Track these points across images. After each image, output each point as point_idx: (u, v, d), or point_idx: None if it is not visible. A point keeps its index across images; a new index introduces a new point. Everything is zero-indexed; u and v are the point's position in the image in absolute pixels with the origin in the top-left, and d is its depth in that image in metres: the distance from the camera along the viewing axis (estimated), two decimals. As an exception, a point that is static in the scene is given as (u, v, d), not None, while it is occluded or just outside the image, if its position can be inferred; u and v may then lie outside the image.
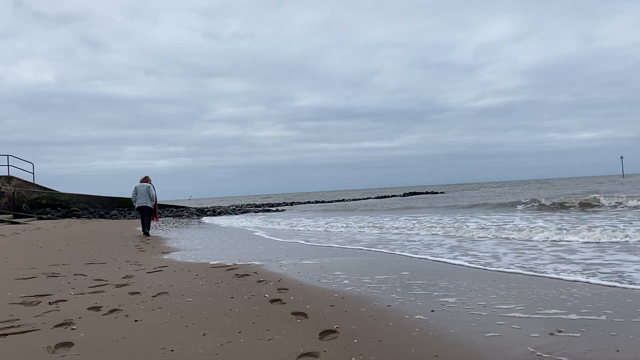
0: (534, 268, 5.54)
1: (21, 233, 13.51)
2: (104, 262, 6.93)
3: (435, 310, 3.69)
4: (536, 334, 3.00)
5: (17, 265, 6.60)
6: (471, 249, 7.58)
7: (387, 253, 7.58)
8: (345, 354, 2.70)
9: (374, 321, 3.40)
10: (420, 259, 6.69)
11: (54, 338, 3.07)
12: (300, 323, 3.38)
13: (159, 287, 4.86)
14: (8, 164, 25.38)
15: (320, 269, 6.01)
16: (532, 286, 4.48)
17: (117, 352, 2.81)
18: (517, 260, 6.23)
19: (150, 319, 3.55)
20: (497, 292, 4.28)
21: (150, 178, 14.07)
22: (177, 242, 10.90)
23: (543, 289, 4.33)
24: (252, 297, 4.27)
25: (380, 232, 11.81)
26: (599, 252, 6.52)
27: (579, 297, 4.00)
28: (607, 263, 5.66)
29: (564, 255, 6.46)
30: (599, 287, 4.38)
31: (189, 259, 7.44)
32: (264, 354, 2.73)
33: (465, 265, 5.97)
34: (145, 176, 14.00)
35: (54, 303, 4.11)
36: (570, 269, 5.39)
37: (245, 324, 3.36)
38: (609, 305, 3.68)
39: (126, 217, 24.66)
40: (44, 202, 25.89)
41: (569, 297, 3.98)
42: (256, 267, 6.20)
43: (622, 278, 4.72)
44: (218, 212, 29.69)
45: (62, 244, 9.91)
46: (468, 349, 2.76)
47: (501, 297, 4.06)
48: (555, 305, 3.73)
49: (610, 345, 2.79)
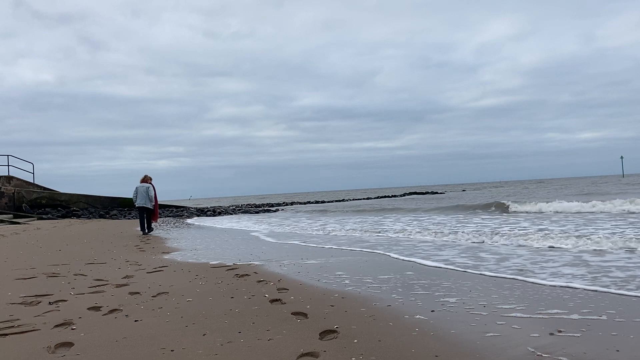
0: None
1: (21, 233, 13.52)
2: (104, 262, 6.93)
3: (435, 310, 3.70)
4: (536, 334, 3.00)
5: (17, 265, 6.60)
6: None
7: (380, 254, 7.58)
8: (345, 354, 2.70)
9: (374, 321, 3.40)
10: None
11: (54, 338, 3.07)
12: (300, 323, 3.38)
13: (159, 287, 4.86)
14: (8, 164, 25.40)
15: (320, 269, 6.01)
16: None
17: (117, 352, 2.81)
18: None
19: (150, 319, 3.55)
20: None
21: (151, 177, 14.01)
22: (177, 242, 10.90)
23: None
24: (252, 297, 4.27)
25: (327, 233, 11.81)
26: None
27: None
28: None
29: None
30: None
31: (189, 259, 7.44)
32: (264, 354, 2.73)
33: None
34: (145, 175, 13.94)
35: (54, 303, 4.11)
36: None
37: (245, 324, 3.36)
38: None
39: (126, 217, 24.66)
40: (44, 202, 25.89)
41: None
42: (256, 267, 6.20)
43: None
44: (218, 212, 29.71)
45: (62, 244, 9.91)
46: (468, 349, 2.76)
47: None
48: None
49: (610, 345, 2.79)
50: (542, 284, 4.59)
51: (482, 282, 4.81)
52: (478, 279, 4.99)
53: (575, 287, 4.41)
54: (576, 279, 4.79)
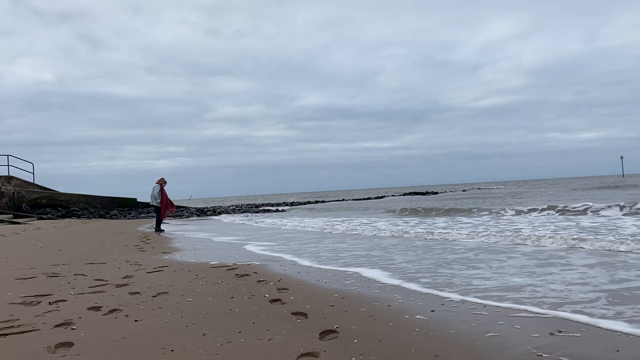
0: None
1: (21, 233, 13.52)
2: (104, 262, 6.93)
3: (435, 310, 3.70)
4: (536, 334, 3.00)
5: (17, 265, 6.60)
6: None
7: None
8: (345, 354, 2.70)
9: (374, 321, 3.40)
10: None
11: (54, 338, 3.07)
12: (300, 323, 3.38)
13: (159, 287, 4.85)
14: (8, 164, 25.42)
15: (321, 269, 6.01)
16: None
17: (117, 352, 2.81)
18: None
19: (150, 319, 3.55)
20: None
21: (163, 179, 15.47)
22: (177, 242, 10.90)
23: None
24: (252, 297, 4.27)
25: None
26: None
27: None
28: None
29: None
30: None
31: (189, 259, 7.44)
32: (264, 354, 2.72)
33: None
34: (160, 177, 15.53)
35: (54, 303, 4.11)
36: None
37: (245, 324, 3.36)
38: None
39: (126, 217, 24.67)
40: (44, 202, 25.89)
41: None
42: (256, 267, 6.20)
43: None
44: (218, 212, 29.73)
45: (62, 244, 9.91)
46: (468, 349, 2.76)
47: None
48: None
49: (610, 345, 2.79)
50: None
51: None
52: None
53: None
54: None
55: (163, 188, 15.33)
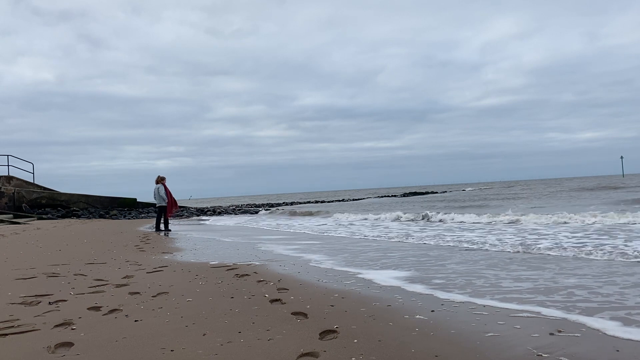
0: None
1: (21, 233, 13.52)
2: (104, 262, 6.93)
3: (435, 310, 3.70)
4: (536, 334, 3.00)
5: (17, 265, 6.60)
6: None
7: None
8: (345, 354, 2.69)
9: (374, 321, 3.40)
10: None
11: (54, 338, 3.07)
12: (300, 323, 3.38)
13: (159, 287, 4.85)
14: (8, 164, 25.42)
15: (320, 269, 6.01)
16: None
17: (117, 352, 2.81)
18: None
19: (150, 319, 3.55)
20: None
21: (163, 176, 15.15)
22: (177, 242, 10.90)
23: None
24: (252, 297, 4.27)
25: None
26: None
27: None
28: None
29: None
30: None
31: (189, 259, 7.44)
32: (264, 354, 2.72)
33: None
34: (157, 176, 15.20)
35: (54, 303, 4.10)
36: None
37: (245, 324, 3.36)
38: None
39: (126, 217, 24.67)
40: (44, 202, 25.89)
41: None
42: (256, 267, 6.20)
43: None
44: (218, 212, 29.73)
45: (62, 244, 9.91)
46: (468, 349, 2.76)
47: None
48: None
49: (610, 345, 2.79)
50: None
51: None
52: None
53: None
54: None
55: (166, 187, 15.24)
